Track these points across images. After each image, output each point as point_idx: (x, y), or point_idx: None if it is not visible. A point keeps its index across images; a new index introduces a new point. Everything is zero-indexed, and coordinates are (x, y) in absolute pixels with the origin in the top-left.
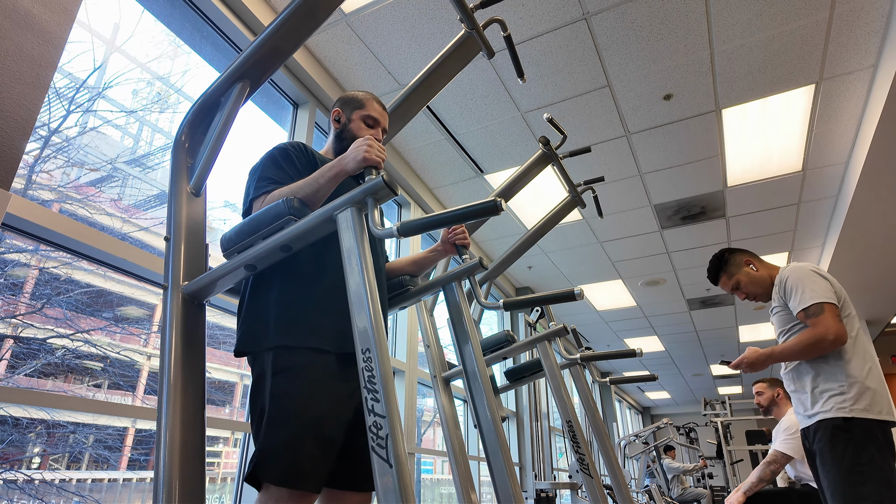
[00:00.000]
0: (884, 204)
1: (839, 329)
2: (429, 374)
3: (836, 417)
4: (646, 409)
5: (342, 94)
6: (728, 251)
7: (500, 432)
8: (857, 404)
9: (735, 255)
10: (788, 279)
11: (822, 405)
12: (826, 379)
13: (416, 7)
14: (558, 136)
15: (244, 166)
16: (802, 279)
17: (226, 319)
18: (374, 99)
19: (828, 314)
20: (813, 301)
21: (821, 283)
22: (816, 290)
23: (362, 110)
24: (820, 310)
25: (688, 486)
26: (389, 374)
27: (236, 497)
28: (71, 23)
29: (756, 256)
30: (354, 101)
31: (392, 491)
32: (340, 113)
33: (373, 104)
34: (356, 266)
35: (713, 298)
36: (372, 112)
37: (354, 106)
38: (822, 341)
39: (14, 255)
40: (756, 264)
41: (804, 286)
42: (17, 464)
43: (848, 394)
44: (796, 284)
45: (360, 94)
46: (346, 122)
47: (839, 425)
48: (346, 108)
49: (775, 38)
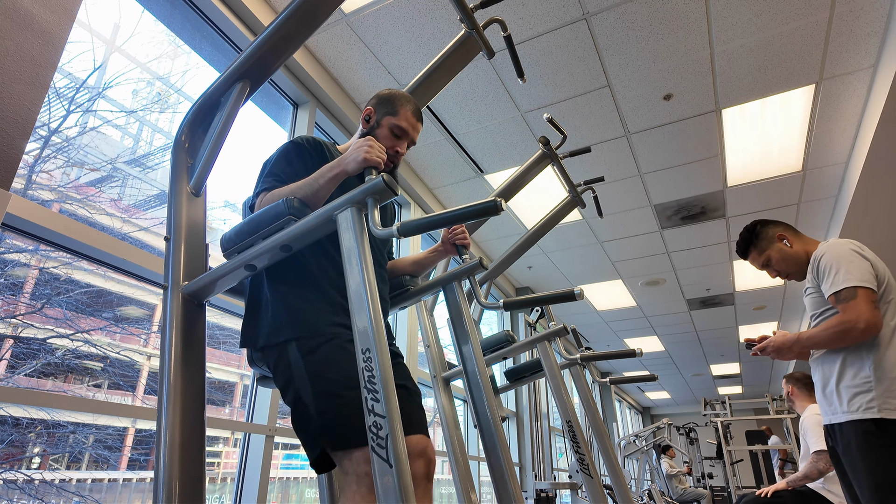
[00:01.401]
0: (884, 204)
1: (872, 316)
2: (429, 374)
3: (866, 420)
4: (646, 409)
5: (381, 91)
6: (760, 223)
7: (500, 432)
8: (887, 403)
9: (768, 227)
10: (823, 257)
11: (847, 404)
12: (852, 373)
13: (416, 7)
14: (558, 136)
15: (244, 166)
16: (839, 258)
17: (226, 319)
18: (411, 107)
19: (861, 299)
20: (847, 284)
21: (859, 264)
22: (852, 272)
23: (394, 118)
24: (853, 294)
25: (687, 486)
26: (389, 374)
27: (236, 497)
28: (71, 23)
29: (792, 229)
30: (388, 105)
31: (392, 491)
32: (372, 113)
33: (407, 113)
34: (356, 266)
35: (713, 298)
36: (402, 123)
37: (387, 110)
38: (851, 329)
39: (14, 255)
40: (791, 239)
41: (839, 266)
42: (17, 464)
43: (875, 391)
44: (831, 264)
45: (397, 99)
46: (374, 125)
47: (870, 430)
48: (379, 110)
49: (775, 38)
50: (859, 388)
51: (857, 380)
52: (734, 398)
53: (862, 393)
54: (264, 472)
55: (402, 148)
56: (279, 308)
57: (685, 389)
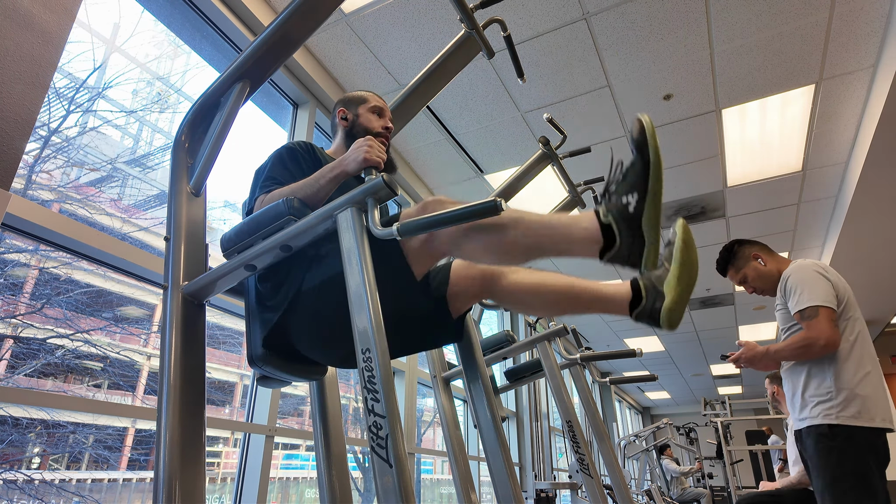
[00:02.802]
0: (884, 204)
1: (831, 335)
2: (429, 374)
3: (822, 424)
4: (646, 409)
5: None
6: (738, 243)
7: (500, 432)
8: (844, 411)
9: (744, 247)
10: (790, 278)
11: (809, 410)
12: (816, 384)
13: (416, 7)
14: (558, 136)
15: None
16: (803, 280)
17: (226, 319)
18: (373, 93)
19: (822, 318)
20: (809, 304)
21: (821, 285)
22: (815, 293)
23: (366, 104)
24: (815, 313)
25: (687, 486)
26: (389, 374)
27: (236, 497)
28: (71, 23)
29: (766, 249)
30: (356, 98)
31: (392, 491)
32: (346, 111)
33: (374, 96)
34: (356, 266)
35: (713, 298)
36: (375, 102)
37: (357, 102)
38: (812, 346)
39: (14, 255)
40: (765, 258)
41: (804, 287)
42: (17, 464)
43: (835, 400)
44: (796, 285)
45: (358, 92)
46: (353, 118)
47: (824, 433)
48: (351, 106)
49: (775, 38)
50: (821, 398)
51: (819, 389)
52: (734, 398)
53: (823, 402)
54: (264, 472)
55: (388, 122)
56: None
57: (685, 389)
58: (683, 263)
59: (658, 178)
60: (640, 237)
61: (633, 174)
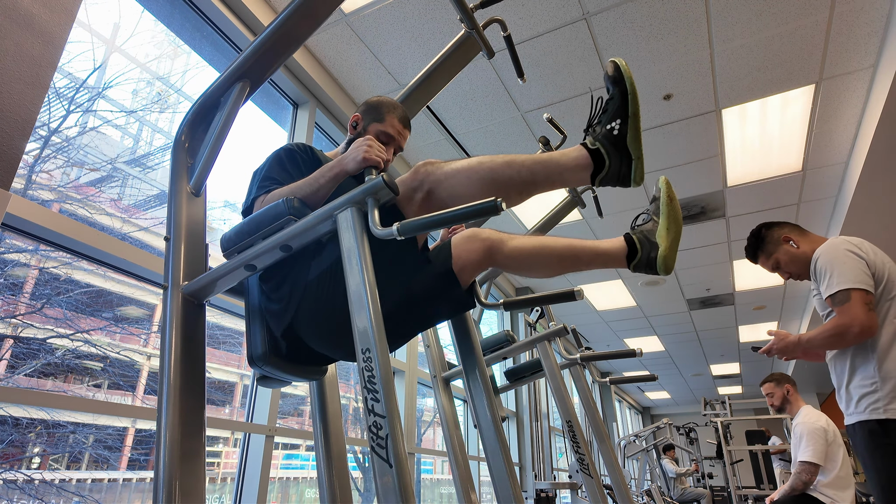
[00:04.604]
0: (884, 204)
1: (865, 320)
2: (429, 374)
3: (870, 420)
4: (646, 409)
5: (370, 98)
6: (765, 226)
7: (500, 432)
8: (892, 403)
9: (773, 230)
10: (819, 259)
11: (855, 405)
12: (859, 374)
13: (416, 7)
14: (558, 136)
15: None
16: (832, 261)
17: (226, 319)
18: (398, 114)
19: (854, 302)
20: (839, 287)
21: (852, 265)
22: (845, 274)
23: (380, 124)
24: (846, 297)
25: (688, 486)
26: (389, 374)
27: (236, 497)
28: (71, 23)
29: (797, 229)
30: (375, 112)
31: (392, 491)
32: (359, 120)
33: (393, 120)
34: (356, 266)
35: (713, 298)
36: (389, 129)
37: (374, 117)
38: (845, 333)
39: (14, 255)
40: (797, 239)
41: (833, 269)
42: (17, 464)
43: (881, 392)
44: (825, 267)
45: (384, 105)
46: (361, 131)
47: (874, 430)
48: (366, 118)
49: (775, 38)
50: (866, 389)
51: (864, 381)
52: (734, 398)
53: (868, 394)
54: (264, 472)
55: (390, 155)
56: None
57: (685, 389)
58: (670, 215)
59: (635, 101)
60: (627, 155)
61: (612, 105)
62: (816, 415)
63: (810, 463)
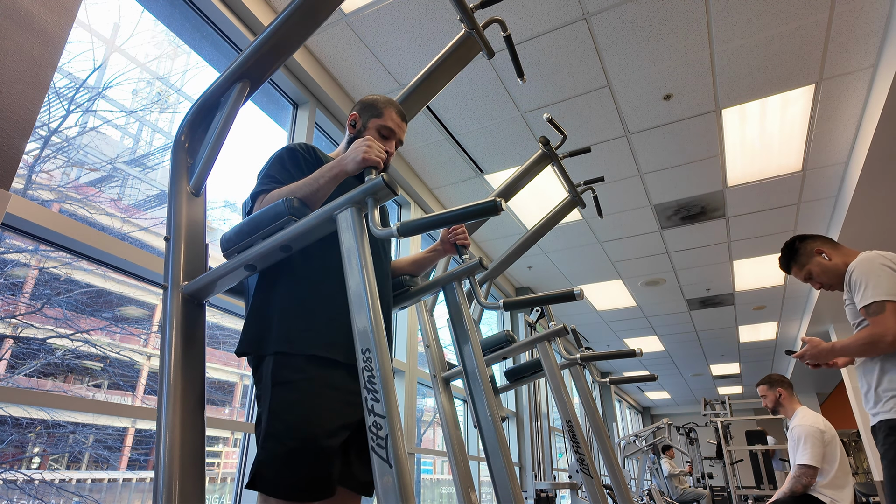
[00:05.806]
0: (884, 204)
1: None
2: (429, 374)
3: (892, 418)
4: (646, 409)
5: (364, 97)
6: (799, 239)
7: (500, 432)
8: None
9: (806, 243)
10: (854, 272)
11: (882, 405)
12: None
13: (416, 7)
14: (558, 136)
15: (244, 166)
16: (867, 273)
17: (226, 319)
18: (394, 108)
19: (888, 313)
20: (874, 298)
21: (886, 277)
22: (881, 286)
23: (379, 119)
24: (881, 308)
25: (687, 486)
26: (389, 374)
27: (236, 497)
28: (71, 23)
29: (830, 242)
30: (373, 108)
31: (392, 491)
32: (357, 118)
33: (391, 114)
34: (356, 266)
35: (713, 298)
36: (388, 122)
37: (372, 114)
38: (878, 343)
39: (14, 255)
40: (829, 252)
41: (868, 280)
42: (17, 464)
43: None
44: (860, 278)
45: (380, 102)
46: (360, 128)
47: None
48: (364, 115)
49: (775, 38)
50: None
51: (893, 384)
52: (734, 398)
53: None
54: None
55: (391, 148)
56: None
57: (685, 389)
58: None
59: None
60: None
61: None
62: (813, 416)
63: (809, 466)
